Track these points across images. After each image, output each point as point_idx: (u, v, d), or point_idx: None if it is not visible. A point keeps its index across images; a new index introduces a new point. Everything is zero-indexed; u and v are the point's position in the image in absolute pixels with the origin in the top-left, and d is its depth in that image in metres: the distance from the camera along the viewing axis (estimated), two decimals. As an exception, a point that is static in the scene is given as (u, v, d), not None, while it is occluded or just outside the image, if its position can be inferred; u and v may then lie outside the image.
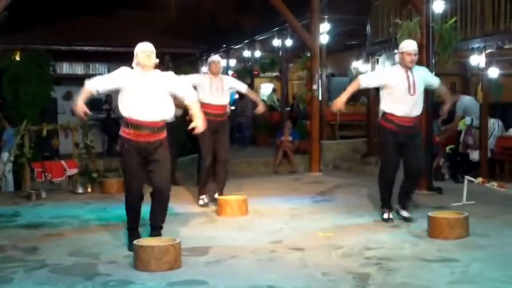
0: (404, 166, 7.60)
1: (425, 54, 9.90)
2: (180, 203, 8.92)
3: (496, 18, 10.80)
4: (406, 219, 7.60)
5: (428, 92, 8.62)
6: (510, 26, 10.13)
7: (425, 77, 7.47)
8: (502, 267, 5.54)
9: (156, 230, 6.39)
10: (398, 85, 7.23)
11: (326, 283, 5.21)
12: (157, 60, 6.23)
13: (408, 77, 7.19)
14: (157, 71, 6.31)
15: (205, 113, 8.03)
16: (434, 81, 7.66)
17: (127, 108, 6.15)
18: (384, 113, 7.39)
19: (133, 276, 5.41)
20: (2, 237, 7.16)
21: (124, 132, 6.25)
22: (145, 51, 6.15)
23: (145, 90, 6.12)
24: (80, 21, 16.01)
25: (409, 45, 7.31)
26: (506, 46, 10.69)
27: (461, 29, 11.31)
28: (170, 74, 6.50)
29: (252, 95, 9.71)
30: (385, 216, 7.63)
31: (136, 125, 6.12)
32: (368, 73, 8.71)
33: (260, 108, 9.34)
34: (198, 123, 6.33)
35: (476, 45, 11.02)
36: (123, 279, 5.35)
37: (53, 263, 5.91)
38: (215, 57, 9.15)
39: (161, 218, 6.44)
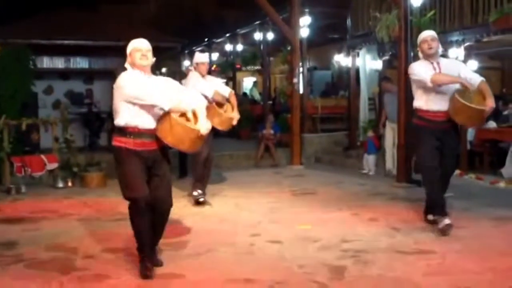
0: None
1: (403, 47, 9.99)
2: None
3: (474, 11, 10.85)
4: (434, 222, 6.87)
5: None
6: (489, 19, 10.17)
7: (457, 71, 6.75)
8: (477, 259, 5.60)
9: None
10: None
11: (303, 275, 5.23)
12: (154, 59, 5.37)
13: (434, 69, 6.69)
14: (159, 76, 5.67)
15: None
16: (472, 76, 6.74)
17: (129, 114, 5.24)
18: (416, 110, 6.96)
19: (109, 271, 5.40)
20: (-21, 232, 7.14)
21: (120, 141, 5.27)
22: (140, 49, 5.28)
23: None
24: (61, 14, 15.81)
25: (422, 34, 6.97)
26: (485, 39, 10.74)
27: (440, 22, 11.37)
28: (170, 80, 5.56)
29: (233, 100, 8.75)
30: (446, 221, 6.59)
31: (137, 134, 5.24)
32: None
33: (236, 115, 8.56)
34: (201, 128, 5.23)
35: (454, 38, 11.08)
36: (99, 274, 5.33)
37: (30, 258, 5.88)
38: (203, 57, 8.88)
39: (158, 237, 5.59)
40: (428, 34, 6.91)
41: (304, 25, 14.91)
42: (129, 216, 5.28)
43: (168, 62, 20.67)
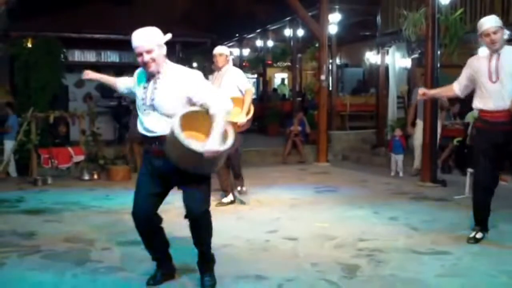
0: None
1: (430, 46, 9.87)
2: (179, 192, 8.88)
3: (506, 10, 10.69)
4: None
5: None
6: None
7: None
8: (494, 261, 5.51)
9: (202, 252, 4.96)
10: (479, 72, 5.93)
11: (314, 273, 5.21)
12: (164, 51, 4.57)
13: (490, 61, 5.83)
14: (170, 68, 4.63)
15: None
16: None
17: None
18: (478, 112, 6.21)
19: (124, 264, 5.46)
20: (2, 222, 7.28)
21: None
22: (135, 47, 4.51)
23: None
24: (92, 8, 16.06)
25: (483, 25, 5.88)
26: (516, 38, 10.55)
27: (470, 21, 11.21)
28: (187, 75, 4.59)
29: (245, 99, 7.89)
30: (471, 235, 6.27)
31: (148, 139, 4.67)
32: None
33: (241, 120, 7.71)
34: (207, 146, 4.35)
35: (485, 37, 10.90)
36: (113, 266, 5.39)
37: (47, 249, 5.97)
38: (217, 49, 8.15)
39: (200, 243, 4.89)
40: (489, 25, 5.81)
41: (333, 22, 14.84)
42: None
43: (198, 57, 20.76)
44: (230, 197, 8.36)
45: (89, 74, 5.47)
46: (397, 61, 14.37)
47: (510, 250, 5.96)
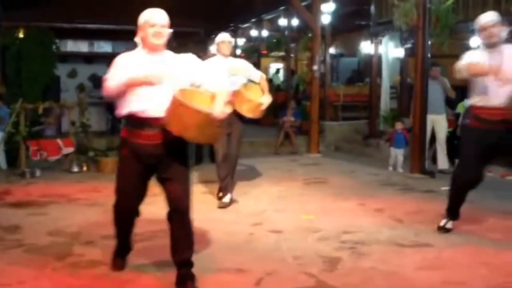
0: None
1: (420, 36, 9.83)
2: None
3: (497, 0, 10.63)
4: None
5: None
6: (511, 8, 9.95)
7: None
8: (474, 253, 5.53)
9: (184, 267, 4.67)
10: None
11: (295, 267, 5.20)
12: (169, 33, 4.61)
13: (493, 58, 5.66)
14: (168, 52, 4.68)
15: None
16: None
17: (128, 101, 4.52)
18: (469, 107, 6.08)
19: (105, 257, 5.39)
20: (-13, 215, 7.25)
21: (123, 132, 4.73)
22: (155, 23, 4.52)
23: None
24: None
25: (480, 20, 5.84)
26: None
27: (462, 11, 11.16)
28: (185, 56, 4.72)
29: (263, 84, 7.81)
30: (441, 223, 6.36)
31: (138, 123, 4.51)
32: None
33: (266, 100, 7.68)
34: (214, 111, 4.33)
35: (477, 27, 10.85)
36: (94, 260, 5.37)
37: (30, 243, 5.94)
38: (222, 36, 7.72)
39: (187, 247, 4.67)
40: (488, 19, 5.76)
41: (327, 11, 14.77)
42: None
43: (192, 47, 20.66)
44: (228, 197, 7.82)
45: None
46: (391, 51, 14.31)
47: (490, 242, 5.96)
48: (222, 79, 4.80)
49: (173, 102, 4.28)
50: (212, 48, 22.99)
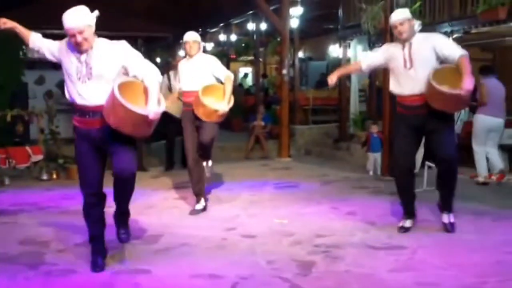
0: (431, 155, 6.99)
1: (388, 39, 9.88)
2: (143, 189, 8.83)
3: (463, 2, 10.76)
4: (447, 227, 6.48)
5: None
6: (477, 11, 10.08)
7: (433, 47, 6.09)
8: (446, 254, 5.58)
9: (121, 210, 5.37)
10: (395, 60, 6.26)
11: (269, 271, 5.21)
12: (93, 28, 4.88)
13: (403, 50, 6.17)
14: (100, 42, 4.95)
15: (183, 103, 7.70)
16: (451, 52, 6.05)
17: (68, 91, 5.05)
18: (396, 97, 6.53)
19: (78, 266, 5.38)
20: (-45, 226, 7.12)
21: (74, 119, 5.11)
22: (67, 28, 4.85)
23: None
24: (52, 2, 15.77)
25: (391, 18, 6.33)
26: (473, 31, 10.67)
27: (429, 14, 11.29)
28: (118, 45, 4.98)
29: (226, 87, 7.34)
30: (400, 223, 6.58)
31: (81, 111, 4.97)
32: (369, 53, 7.00)
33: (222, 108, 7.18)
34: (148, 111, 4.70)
35: (443, 30, 10.98)
36: (67, 268, 5.32)
37: (1, 252, 5.86)
38: (187, 35, 7.61)
39: (123, 201, 5.26)
40: (396, 18, 6.22)
41: (295, 15, 14.83)
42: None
43: (161, 52, 20.61)
44: (202, 203, 7.71)
45: (6, 24, 5.30)
46: (359, 54, 14.40)
47: (462, 242, 6.02)
48: (153, 70, 4.93)
49: (111, 98, 4.66)
50: (181, 52, 23.05)
